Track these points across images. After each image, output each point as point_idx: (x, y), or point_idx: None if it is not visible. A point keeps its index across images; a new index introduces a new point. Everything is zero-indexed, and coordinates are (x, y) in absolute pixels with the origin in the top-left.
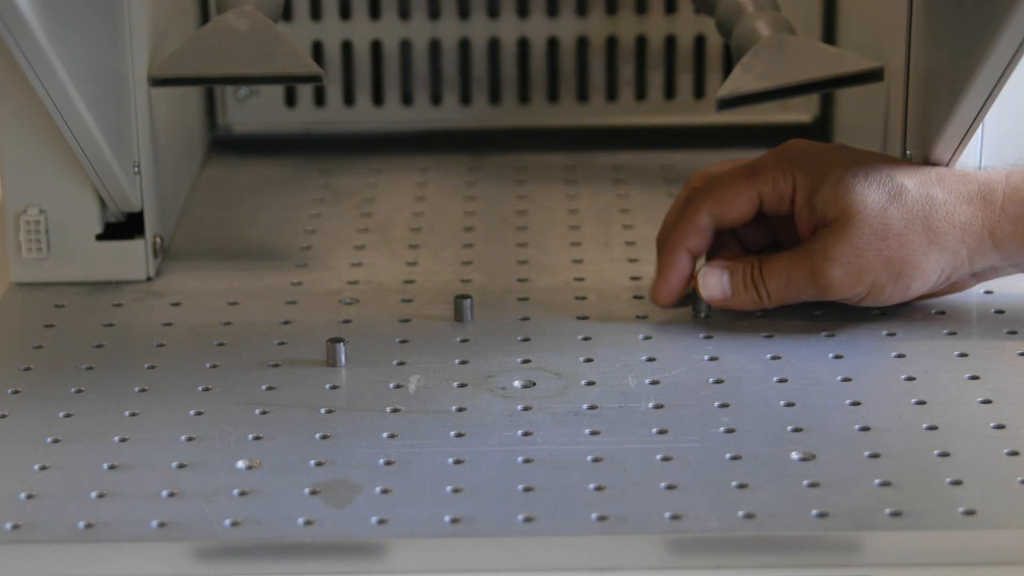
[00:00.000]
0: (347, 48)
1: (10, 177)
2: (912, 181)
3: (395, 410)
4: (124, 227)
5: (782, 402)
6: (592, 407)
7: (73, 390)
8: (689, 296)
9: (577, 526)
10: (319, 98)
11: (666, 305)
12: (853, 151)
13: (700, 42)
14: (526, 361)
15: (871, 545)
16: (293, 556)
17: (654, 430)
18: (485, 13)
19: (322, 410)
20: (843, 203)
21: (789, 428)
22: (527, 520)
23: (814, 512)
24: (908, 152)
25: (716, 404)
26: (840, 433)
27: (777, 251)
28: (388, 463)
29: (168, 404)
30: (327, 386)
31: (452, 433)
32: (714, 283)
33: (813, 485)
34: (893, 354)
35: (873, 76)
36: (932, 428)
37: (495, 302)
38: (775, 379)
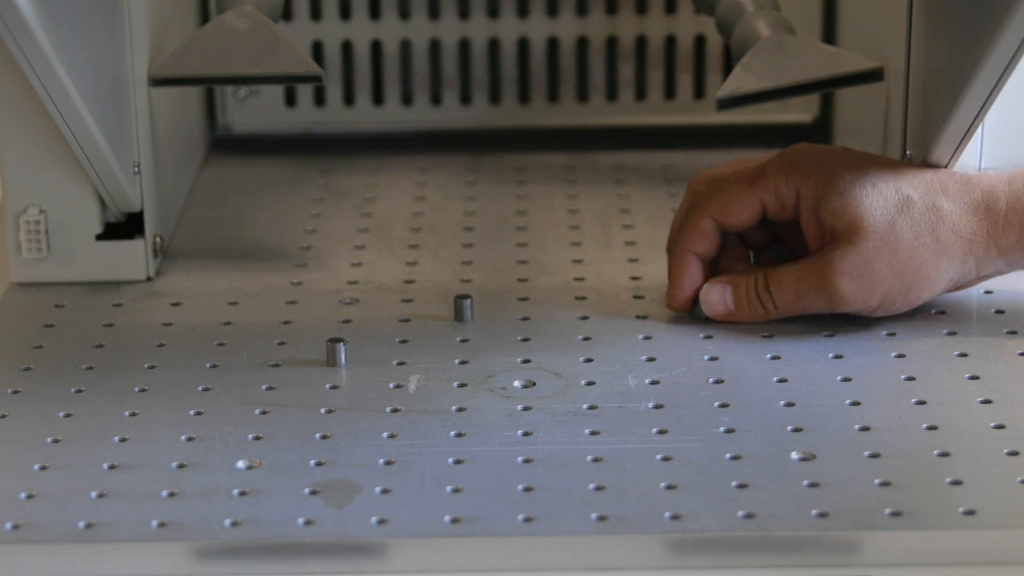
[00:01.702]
0: (347, 48)
1: (10, 177)
2: (917, 192)
3: (395, 410)
4: (124, 227)
5: (782, 402)
6: (592, 407)
7: (73, 390)
8: (692, 300)
9: (577, 526)
10: (319, 98)
11: (682, 311)
12: (857, 156)
13: (700, 42)
14: (526, 361)
15: (871, 545)
16: (293, 556)
17: (654, 430)
18: (485, 13)
19: (322, 410)
20: (851, 215)
21: (789, 428)
22: (527, 520)
23: (814, 512)
24: (908, 152)
25: (716, 404)
26: (840, 433)
27: (780, 258)
28: (388, 463)
29: (168, 404)
30: (327, 386)
31: (452, 433)
32: (716, 299)
33: (813, 485)
34: (893, 354)
35: (873, 76)
36: (932, 428)
37: (495, 302)
38: (775, 379)
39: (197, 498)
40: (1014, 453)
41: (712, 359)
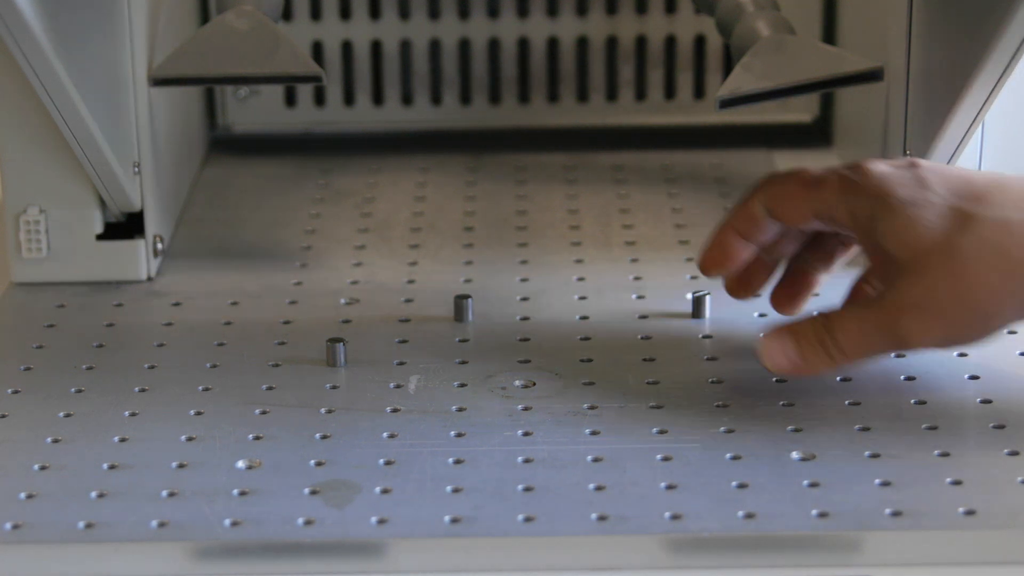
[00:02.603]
0: (347, 48)
1: (10, 177)
2: (980, 205)
3: (395, 410)
4: (124, 227)
5: (782, 402)
6: (592, 407)
7: (73, 390)
8: (691, 300)
9: (577, 526)
10: (319, 98)
11: (709, 274)
12: (918, 170)
13: (700, 42)
14: (526, 361)
15: (871, 545)
16: (293, 556)
17: (654, 430)
18: (485, 13)
19: (322, 410)
20: (907, 238)
21: (789, 428)
22: (527, 520)
23: (814, 512)
24: (908, 152)
25: (716, 404)
26: (840, 433)
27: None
28: (388, 463)
29: (168, 404)
30: (327, 386)
31: (452, 433)
32: (777, 352)
33: (813, 485)
34: (893, 354)
35: (873, 76)
36: (932, 428)
37: (495, 302)
38: (775, 379)
39: (197, 498)
40: (1014, 453)
41: (712, 359)
